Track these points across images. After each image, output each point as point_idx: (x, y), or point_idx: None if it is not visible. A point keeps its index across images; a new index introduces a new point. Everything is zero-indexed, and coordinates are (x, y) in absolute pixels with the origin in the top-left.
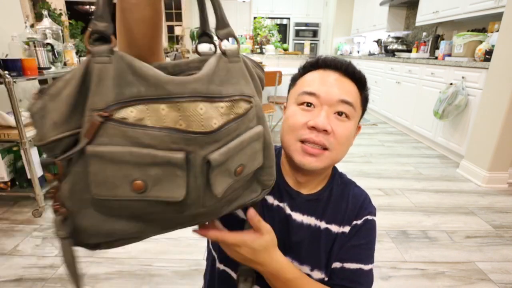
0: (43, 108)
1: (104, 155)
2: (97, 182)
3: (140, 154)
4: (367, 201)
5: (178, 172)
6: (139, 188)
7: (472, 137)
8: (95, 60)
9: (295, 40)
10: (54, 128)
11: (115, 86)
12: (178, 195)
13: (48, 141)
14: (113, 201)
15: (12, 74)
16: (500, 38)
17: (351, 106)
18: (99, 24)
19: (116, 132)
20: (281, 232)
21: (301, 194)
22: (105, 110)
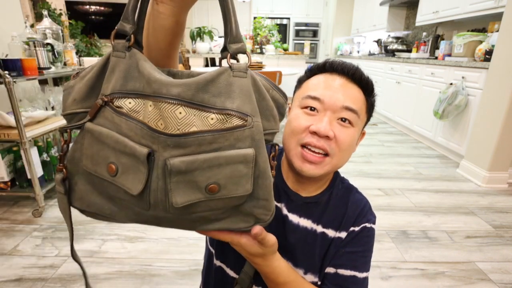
0: (72, 87)
1: (95, 133)
2: (87, 155)
3: (117, 140)
4: (367, 208)
5: (141, 167)
6: (112, 171)
7: (472, 137)
8: (113, 54)
9: (295, 40)
10: (73, 103)
11: (122, 78)
12: (135, 188)
13: (67, 113)
14: (95, 176)
15: (12, 74)
16: (500, 38)
17: (355, 113)
18: (124, 24)
19: (109, 116)
20: (277, 232)
21: (300, 196)
22: (109, 96)
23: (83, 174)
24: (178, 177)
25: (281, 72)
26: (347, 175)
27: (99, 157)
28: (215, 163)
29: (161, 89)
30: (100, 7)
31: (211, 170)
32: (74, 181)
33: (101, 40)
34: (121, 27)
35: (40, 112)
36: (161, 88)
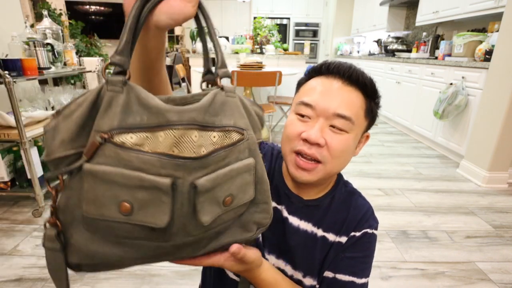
0: (55, 127)
1: (98, 174)
2: (88, 199)
3: (130, 176)
4: (369, 213)
5: (164, 198)
6: (126, 210)
7: (472, 137)
8: (109, 88)
9: (295, 40)
10: (61, 145)
11: (120, 113)
12: (161, 221)
13: (55, 157)
14: (100, 220)
15: (12, 74)
16: (500, 38)
17: (347, 120)
18: (118, 57)
19: (112, 153)
20: (277, 234)
21: (300, 198)
22: (108, 132)
23: (81, 222)
24: (205, 196)
25: (281, 72)
26: (347, 175)
27: (106, 198)
28: (229, 176)
29: (173, 117)
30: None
31: (227, 183)
32: (69, 233)
33: (101, 40)
34: (116, 61)
35: (40, 112)
36: (176, 116)
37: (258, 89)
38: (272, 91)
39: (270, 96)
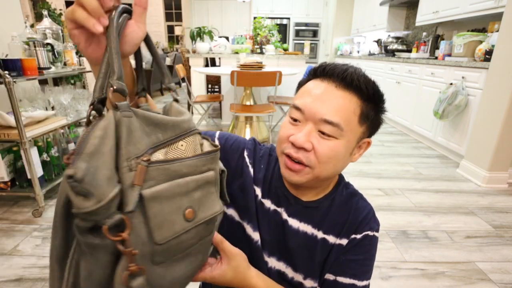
0: (90, 168)
1: (160, 194)
2: (158, 224)
3: (185, 182)
4: (370, 216)
5: (212, 188)
6: (191, 216)
7: (472, 137)
8: (123, 114)
9: (295, 40)
10: (110, 183)
11: (142, 136)
12: (219, 207)
13: (111, 198)
14: (172, 241)
15: (12, 74)
16: (500, 38)
17: (335, 126)
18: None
19: (159, 172)
20: (276, 236)
21: (300, 200)
22: (143, 156)
23: (151, 258)
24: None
25: (281, 72)
26: (347, 175)
27: (173, 213)
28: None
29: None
30: None
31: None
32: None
33: None
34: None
35: (40, 112)
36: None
37: (258, 89)
38: (272, 91)
39: (270, 96)
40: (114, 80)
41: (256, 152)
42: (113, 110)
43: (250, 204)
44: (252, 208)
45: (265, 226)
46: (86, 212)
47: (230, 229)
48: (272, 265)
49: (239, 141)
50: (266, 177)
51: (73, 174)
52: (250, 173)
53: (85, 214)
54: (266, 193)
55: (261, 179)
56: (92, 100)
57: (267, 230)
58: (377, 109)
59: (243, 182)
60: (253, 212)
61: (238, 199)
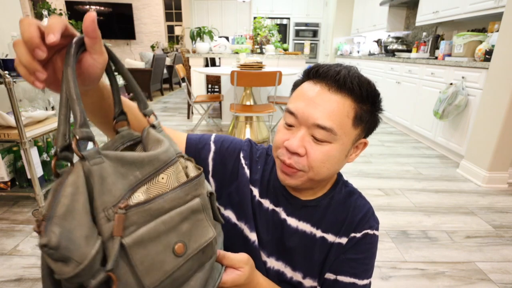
0: (63, 232)
1: (143, 238)
2: (146, 270)
3: (170, 218)
4: (369, 214)
5: (200, 215)
6: (181, 251)
7: (472, 137)
8: (91, 163)
9: (295, 40)
10: (88, 242)
11: (117, 181)
12: (212, 233)
13: (91, 258)
14: (165, 281)
15: (12, 74)
16: (500, 38)
17: (328, 131)
18: (85, 130)
19: (139, 215)
20: (275, 236)
21: (298, 199)
22: (120, 203)
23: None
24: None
25: (281, 72)
26: (347, 175)
27: (161, 253)
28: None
29: (165, 155)
30: (100, 7)
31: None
32: None
33: None
34: (85, 135)
35: (40, 112)
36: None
37: (258, 89)
38: (272, 91)
39: (270, 96)
40: (77, 128)
41: (253, 153)
42: (80, 161)
43: (247, 205)
44: (249, 209)
45: (264, 226)
46: (68, 278)
47: (227, 231)
48: (271, 265)
49: (235, 143)
50: (263, 177)
51: (47, 243)
52: (246, 174)
53: (68, 279)
54: (265, 193)
55: (258, 180)
56: (55, 150)
57: (266, 230)
58: (373, 109)
59: (239, 183)
60: (249, 213)
61: (234, 201)
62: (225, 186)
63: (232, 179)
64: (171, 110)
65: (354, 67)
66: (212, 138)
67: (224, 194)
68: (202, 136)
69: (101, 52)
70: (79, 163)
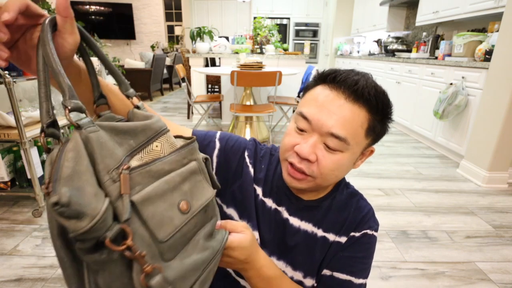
0: (73, 190)
1: (150, 195)
2: (157, 224)
3: (171, 178)
4: (370, 215)
5: (199, 177)
6: (186, 208)
7: (472, 137)
8: (88, 131)
9: (295, 40)
10: (98, 198)
11: (115, 146)
12: (211, 192)
13: (104, 210)
14: (175, 235)
15: (12, 74)
16: (500, 38)
17: (342, 141)
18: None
19: (142, 176)
20: (277, 235)
21: (301, 199)
22: (122, 165)
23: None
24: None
25: (281, 72)
26: (347, 175)
27: (168, 210)
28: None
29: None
30: (100, 7)
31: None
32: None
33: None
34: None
35: None
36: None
37: (258, 89)
38: (272, 91)
39: (270, 96)
40: (67, 100)
41: (257, 152)
42: (76, 130)
43: (250, 203)
44: (252, 208)
45: (266, 225)
46: (84, 232)
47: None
48: None
49: (240, 141)
50: (267, 176)
51: (57, 200)
52: (250, 173)
53: (83, 234)
54: (268, 192)
55: (262, 179)
56: (41, 128)
57: (268, 229)
58: (385, 120)
59: (243, 181)
60: (252, 212)
61: (237, 199)
62: (228, 184)
63: (235, 178)
64: (171, 110)
65: (370, 75)
66: (217, 136)
67: (227, 192)
68: (207, 133)
69: (72, 32)
70: (76, 132)
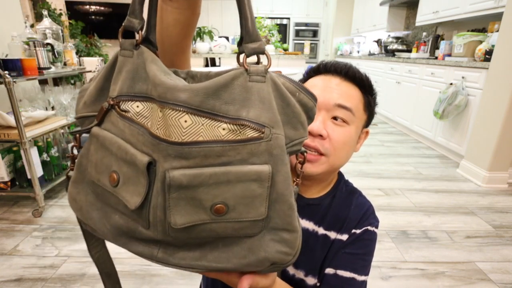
0: (85, 89)
1: (99, 138)
2: (91, 161)
3: (119, 146)
4: (370, 212)
5: (141, 178)
6: (113, 181)
7: (472, 137)
8: (121, 53)
9: (295, 40)
10: (83, 106)
11: (129, 79)
12: (133, 202)
13: (78, 116)
14: (98, 185)
15: (12, 74)
16: (500, 38)
17: (348, 111)
18: (131, 19)
19: (114, 120)
20: None
21: (302, 197)
22: (116, 98)
23: (87, 183)
24: (179, 193)
25: (281, 72)
26: (347, 175)
27: (103, 164)
28: (223, 179)
29: (166, 93)
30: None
31: (218, 188)
32: (77, 189)
33: (101, 40)
34: (128, 23)
35: (40, 112)
36: (165, 93)
37: None
38: None
39: None
40: (128, 16)
41: None
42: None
43: None
44: None
45: None
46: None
47: None
48: None
49: None
50: None
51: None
52: None
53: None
54: None
55: None
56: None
57: None
58: (373, 101)
59: None
60: None
61: None
62: None
63: None
64: None
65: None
66: None
67: None
68: None
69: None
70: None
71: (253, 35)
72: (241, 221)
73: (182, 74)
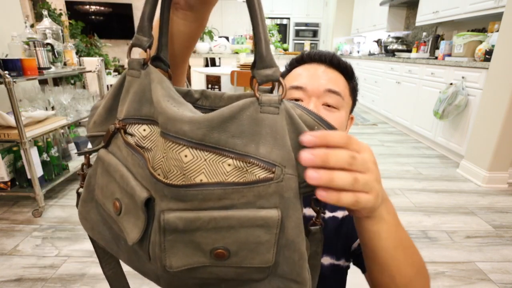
0: (95, 108)
1: (105, 163)
2: (98, 184)
3: (122, 174)
4: None
5: (140, 212)
6: (116, 209)
7: (472, 137)
8: (128, 73)
9: (295, 40)
10: (94, 126)
11: (135, 102)
12: (132, 235)
13: (88, 135)
14: (102, 209)
15: (12, 74)
16: (500, 38)
17: (338, 95)
18: (139, 37)
19: (120, 145)
20: None
21: None
22: (122, 121)
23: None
24: (175, 236)
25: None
26: None
27: (108, 190)
28: (223, 225)
29: (167, 124)
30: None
31: (218, 232)
32: (87, 208)
33: (101, 40)
34: (136, 41)
35: (40, 112)
36: (166, 123)
37: None
38: None
39: None
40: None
41: None
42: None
43: None
44: None
45: None
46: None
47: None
48: None
49: None
50: None
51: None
52: None
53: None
54: None
55: None
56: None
57: None
58: (356, 86)
59: None
60: None
61: None
62: None
63: None
64: None
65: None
66: None
67: None
68: None
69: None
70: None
71: (267, 60)
72: (245, 267)
73: (196, 94)
